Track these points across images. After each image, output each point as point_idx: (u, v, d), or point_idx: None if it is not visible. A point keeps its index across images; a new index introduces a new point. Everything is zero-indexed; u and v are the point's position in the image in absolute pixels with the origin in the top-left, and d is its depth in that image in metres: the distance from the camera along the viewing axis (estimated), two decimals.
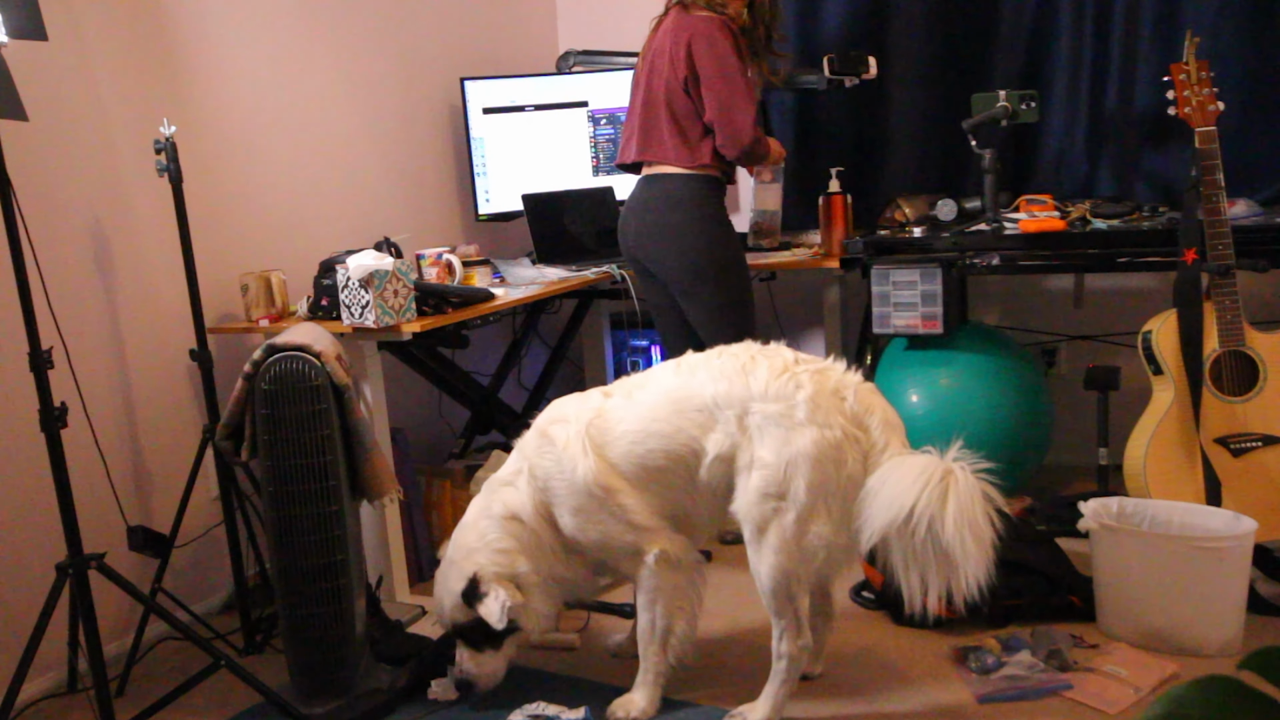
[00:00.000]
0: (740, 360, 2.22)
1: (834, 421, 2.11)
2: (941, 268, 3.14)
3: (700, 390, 2.21)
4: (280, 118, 3.26)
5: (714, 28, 2.98)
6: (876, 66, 3.61)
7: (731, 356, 2.25)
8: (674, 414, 2.23)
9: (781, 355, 2.23)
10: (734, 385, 2.18)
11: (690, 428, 2.22)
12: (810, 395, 2.12)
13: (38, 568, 2.50)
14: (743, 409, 2.16)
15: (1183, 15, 3.25)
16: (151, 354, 2.92)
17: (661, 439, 2.24)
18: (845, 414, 2.12)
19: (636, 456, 2.26)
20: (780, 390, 2.13)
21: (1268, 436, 2.71)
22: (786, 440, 2.10)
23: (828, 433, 2.10)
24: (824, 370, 2.19)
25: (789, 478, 2.10)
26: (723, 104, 2.98)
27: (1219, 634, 2.42)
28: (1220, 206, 2.67)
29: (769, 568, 2.15)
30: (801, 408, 2.11)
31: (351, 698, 2.43)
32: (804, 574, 2.15)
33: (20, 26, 2.16)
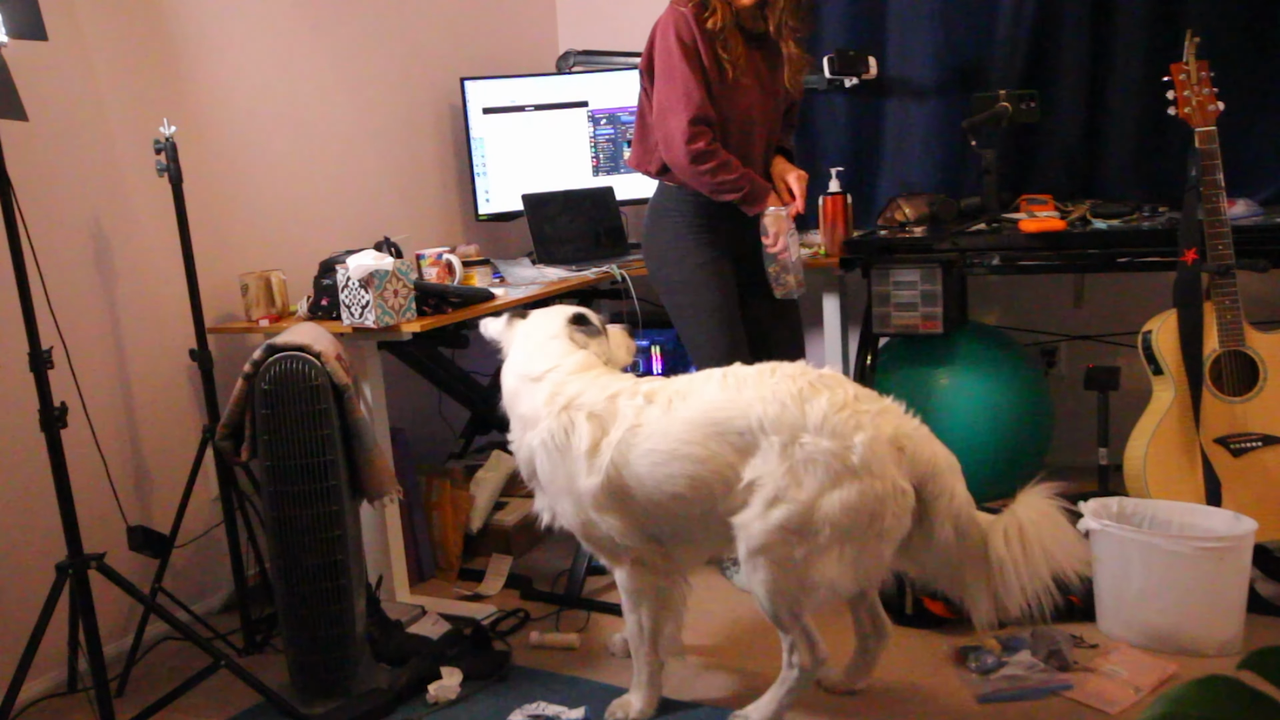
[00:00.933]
0: (798, 384, 2.03)
1: (886, 473, 1.97)
2: (941, 268, 3.14)
3: (746, 411, 2.04)
4: (280, 118, 3.26)
5: (668, 21, 2.72)
6: (876, 66, 3.61)
7: (787, 378, 2.06)
8: (711, 435, 2.06)
9: (843, 387, 2.05)
10: (787, 410, 2.00)
11: (727, 453, 2.05)
12: (868, 440, 1.96)
13: (38, 568, 2.50)
14: (791, 437, 1.99)
15: (1183, 15, 3.25)
16: (151, 354, 2.92)
17: (691, 463, 2.08)
18: (899, 466, 1.99)
19: (654, 481, 2.12)
20: (839, 427, 1.97)
21: (1268, 436, 2.71)
22: (832, 484, 1.96)
23: (876, 484, 1.96)
24: (885, 412, 2.04)
25: (817, 521, 1.97)
26: (658, 106, 2.74)
27: (1219, 634, 2.43)
28: (1220, 206, 2.67)
29: (761, 584, 2.06)
30: (857, 451, 1.96)
31: (351, 698, 2.43)
32: (802, 600, 2.05)
33: (20, 26, 2.16)
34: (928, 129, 3.68)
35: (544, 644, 2.72)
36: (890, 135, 3.76)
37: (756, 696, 2.25)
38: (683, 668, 2.53)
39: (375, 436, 2.58)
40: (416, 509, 3.23)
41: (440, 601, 2.99)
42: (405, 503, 3.03)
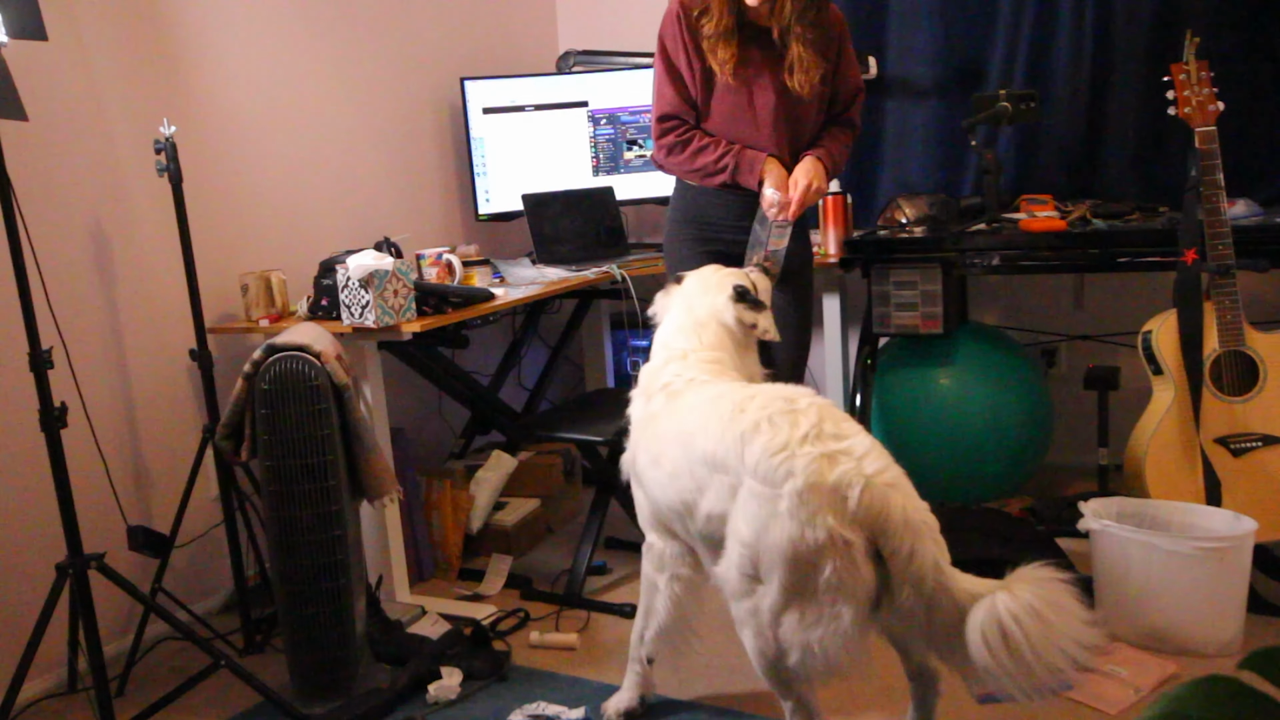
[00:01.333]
0: (754, 419, 1.88)
1: (820, 522, 1.76)
2: (941, 268, 3.14)
3: (705, 443, 1.95)
4: (280, 118, 3.26)
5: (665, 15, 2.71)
6: (876, 66, 3.61)
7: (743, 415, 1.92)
8: (681, 457, 2.01)
9: (794, 424, 1.85)
10: (731, 451, 1.89)
11: (687, 479, 2.00)
12: (799, 489, 1.77)
13: (38, 568, 2.50)
14: (736, 479, 1.88)
15: (1183, 15, 3.25)
16: (151, 354, 2.92)
17: (665, 476, 2.06)
18: (841, 516, 1.76)
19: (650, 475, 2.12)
20: (769, 473, 1.81)
21: (1268, 436, 2.71)
22: (766, 527, 1.81)
23: (809, 533, 1.76)
24: (832, 456, 1.80)
25: (764, 565, 1.84)
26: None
27: (1219, 634, 2.43)
28: (1220, 206, 2.67)
29: (749, 647, 1.94)
30: (785, 500, 1.78)
31: (351, 698, 2.43)
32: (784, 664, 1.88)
33: (20, 26, 2.16)
34: (928, 129, 3.68)
35: (544, 644, 2.72)
36: (890, 135, 3.76)
37: (757, 696, 2.25)
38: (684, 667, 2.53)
39: (375, 436, 2.58)
40: (416, 509, 3.23)
41: (440, 601, 2.99)
42: (405, 503, 3.03)
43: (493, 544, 3.34)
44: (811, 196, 2.67)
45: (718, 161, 2.70)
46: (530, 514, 3.49)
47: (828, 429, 1.84)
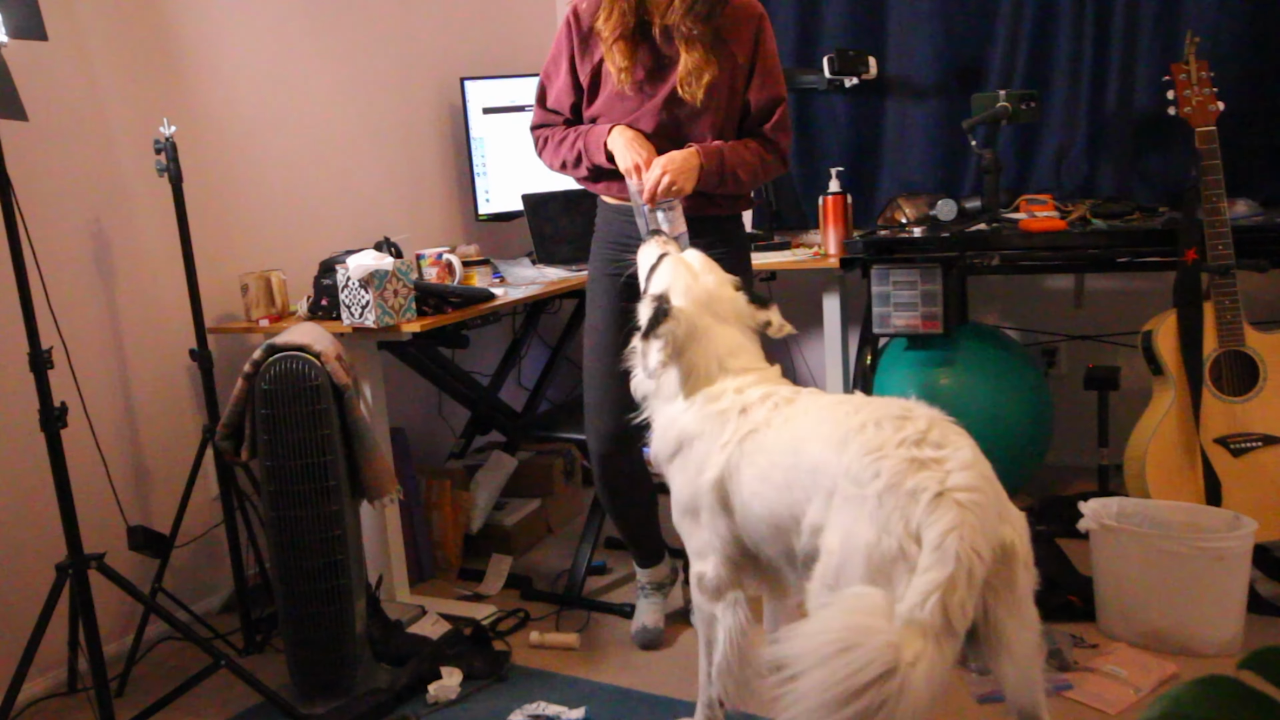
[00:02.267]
0: (861, 421, 1.78)
1: (894, 529, 1.65)
2: (941, 268, 3.14)
3: (810, 450, 1.83)
4: (280, 118, 3.26)
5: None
6: (876, 66, 3.61)
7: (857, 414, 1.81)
8: (791, 467, 1.86)
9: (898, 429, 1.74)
10: (831, 454, 1.78)
11: (796, 488, 1.84)
12: (880, 490, 1.68)
13: (38, 568, 2.50)
14: (833, 483, 1.77)
15: (1183, 15, 3.26)
16: (151, 354, 2.92)
17: (773, 488, 1.89)
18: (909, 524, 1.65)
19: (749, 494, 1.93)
20: (859, 473, 1.72)
21: (1268, 436, 2.71)
22: (850, 532, 1.71)
23: (884, 539, 1.65)
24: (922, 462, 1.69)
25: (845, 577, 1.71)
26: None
27: (1219, 634, 2.42)
28: (1220, 206, 2.67)
29: None
30: (869, 501, 1.69)
31: (351, 698, 2.43)
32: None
33: (20, 26, 2.16)
34: (928, 129, 3.68)
35: (544, 644, 2.72)
36: (890, 135, 3.76)
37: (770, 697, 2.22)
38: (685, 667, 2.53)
39: (375, 436, 2.58)
40: (416, 509, 3.23)
41: (440, 601, 2.99)
42: (405, 503, 3.02)
43: (493, 544, 3.34)
44: (664, 189, 2.29)
45: (571, 149, 2.46)
46: (530, 514, 3.49)
47: (932, 437, 1.73)
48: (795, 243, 3.71)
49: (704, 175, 2.33)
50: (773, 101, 2.41)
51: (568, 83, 2.48)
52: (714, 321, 2.07)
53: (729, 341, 2.07)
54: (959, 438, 1.75)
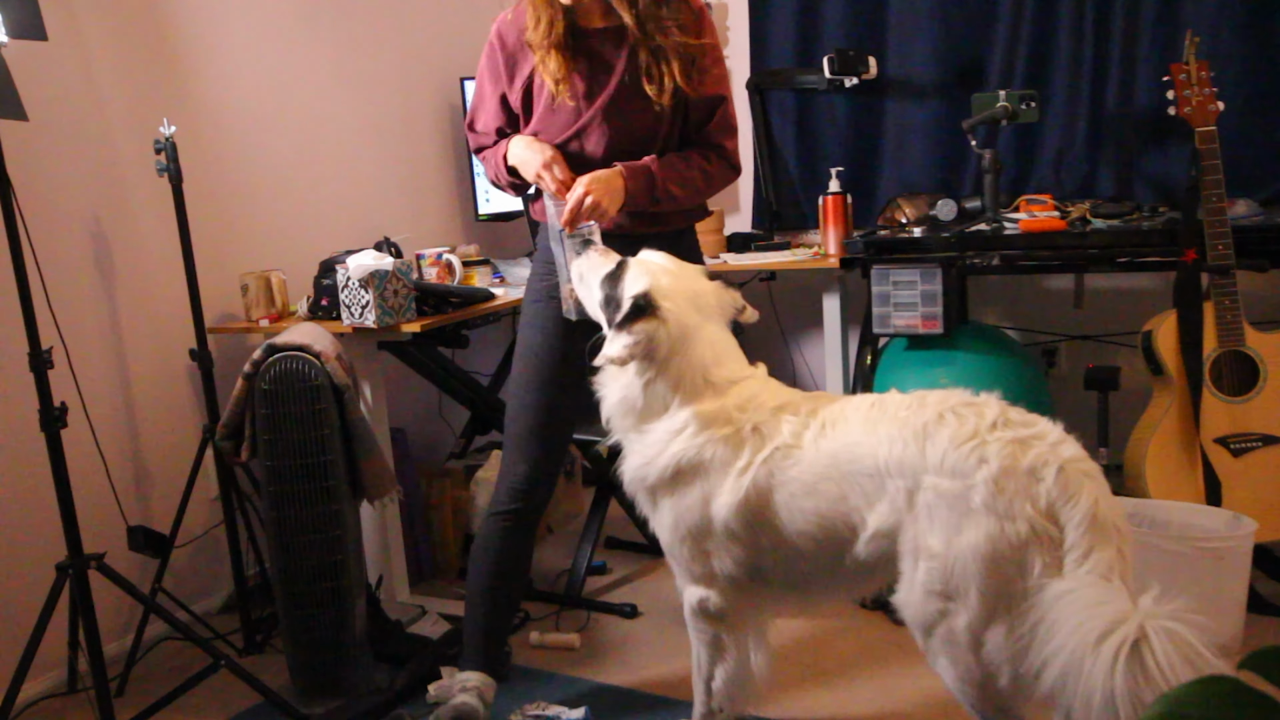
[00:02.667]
0: (926, 416, 1.74)
1: (1019, 512, 1.61)
2: (941, 268, 3.14)
3: (874, 450, 1.75)
4: (280, 118, 3.26)
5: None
6: (876, 66, 3.61)
7: (922, 408, 1.76)
8: (845, 475, 1.79)
9: (979, 415, 1.72)
10: (908, 450, 1.71)
11: (854, 495, 1.78)
12: (993, 475, 1.63)
13: (38, 568, 2.50)
14: (914, 481, 1.71)
15: (1183, 15, 3.25)
16: (151, 354, 2.92)
17: (824, 501, 1.80)
18: (1037, 503, 1.61)
19: (789, 513, 1.83)
20: (958, 464, 1.66)
21: (1268, 436, 2.71)
22: (957, 529, 1.65)
23: (1009, 527, 1.60)
24: (1025, 441, 1.66)
25: (959, 577, 1.65)
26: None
27: (1219, 634, 2.42)
28: (1220, 206, 2.67)
29: (954, 683, 1.74)
30: (979, 490, 1.63)
31: (351, 698, 2.43)
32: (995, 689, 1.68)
33: (20, 26, 2.16)
34: (928, 129, 3.68)
35: (544, 644, 2.73)
36: (890, 135, 3.76)
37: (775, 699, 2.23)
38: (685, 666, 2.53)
39: (375, 436, 2.58)
40: (416, 509, 3.23)
41: (440, 601, 2.99)
42: (405, 503, 3.03)
43: None
44: (587, 211, 2.08)
45: (490, 169, 2.32)
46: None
47: (1015, 417, 1.72)
48: (795, 243, 3.71)
49: (631, 195, 2.14)
50: (715, 101, 2.23)
51: (494, 107, 2.28)
52: (702, 320, 1.94)
53: (715, 346, 1.94)
54: (1033, 414, 1.73)
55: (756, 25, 3.89)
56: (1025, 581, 1.60)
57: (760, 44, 3.90)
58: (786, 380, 2.07)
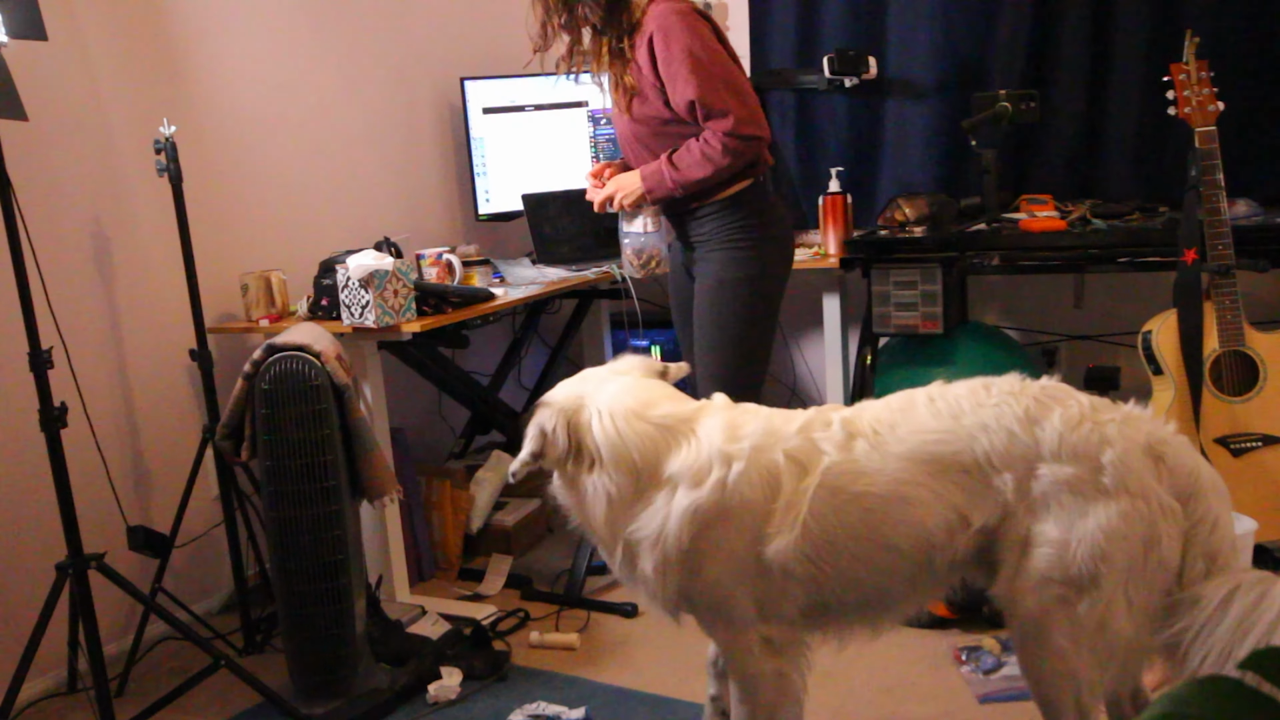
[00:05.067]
0: (1021, 404, 1.68)
1: (1149, 490, 1.61)
2: (941, 268, 3.14)
3: (970, 444, 1.68)
4: (280, 118, 3.26)
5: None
6: (876, 66, 3.61)
7: (1008, 398, 1.69)
8: (933, 474, 1.68)
9: (1074, 398, 1.69)
10: (1015, 440, 1.65)
11: (954, 493, 1.68)
12: (1120, 455, 1.61)
13: (38, 568, 2.50)
14: (1026, 470, 1.65)
15: (1183, 15, 3.25)
16: (151, 354, 2.92)
17: (913, 507, 1.69)
18: (1162, 479, 1.63)
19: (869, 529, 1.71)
20: (1079, 446, 1.63)
21: (1268, 436, 2.71)
22: (1083, 512, 1.61)
23: (1140, 504, 1.60)
24: (1132, 419, 1.67)
25: (1084, 559, 1.61)
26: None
27: None
28: (1220, 206, 2.67)
29: (1051, 674, 1.67)
30: (1109, 472, 1.61)
31: (351, 698, 2.43)
32: (1096, 681, 1.67)
33: (20, 26, 2.16)
34: (928, 129, 3.68)
35: (544, 644, 2.73)
36: (890, 135, 3.76)
37: None
38: (685, 667, 2.53)
39: (375, 436, 2.58)
40: (416, 509, 3.23)
41: (440, 601, 2.99)
42: (405, 503, 3.02)
43: (493, 544, 3.34)
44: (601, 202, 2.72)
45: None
46: (530, 514, 3.49)
47: (1096, 400, 1.71)
48: (795, 243, 3.71)
49: (651, 189, 2.60)
50: (686, 103, 2.51)
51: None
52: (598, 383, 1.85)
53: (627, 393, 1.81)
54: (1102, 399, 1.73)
55: (756, 25, 3.89)
56: (1151, 556, 1.61)
57: (760, 44, 3.89)
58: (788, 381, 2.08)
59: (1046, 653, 1.67)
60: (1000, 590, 1.70)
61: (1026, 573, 1.65)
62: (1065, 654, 1.65)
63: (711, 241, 2.63)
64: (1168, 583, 1.63)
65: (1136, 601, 1.62)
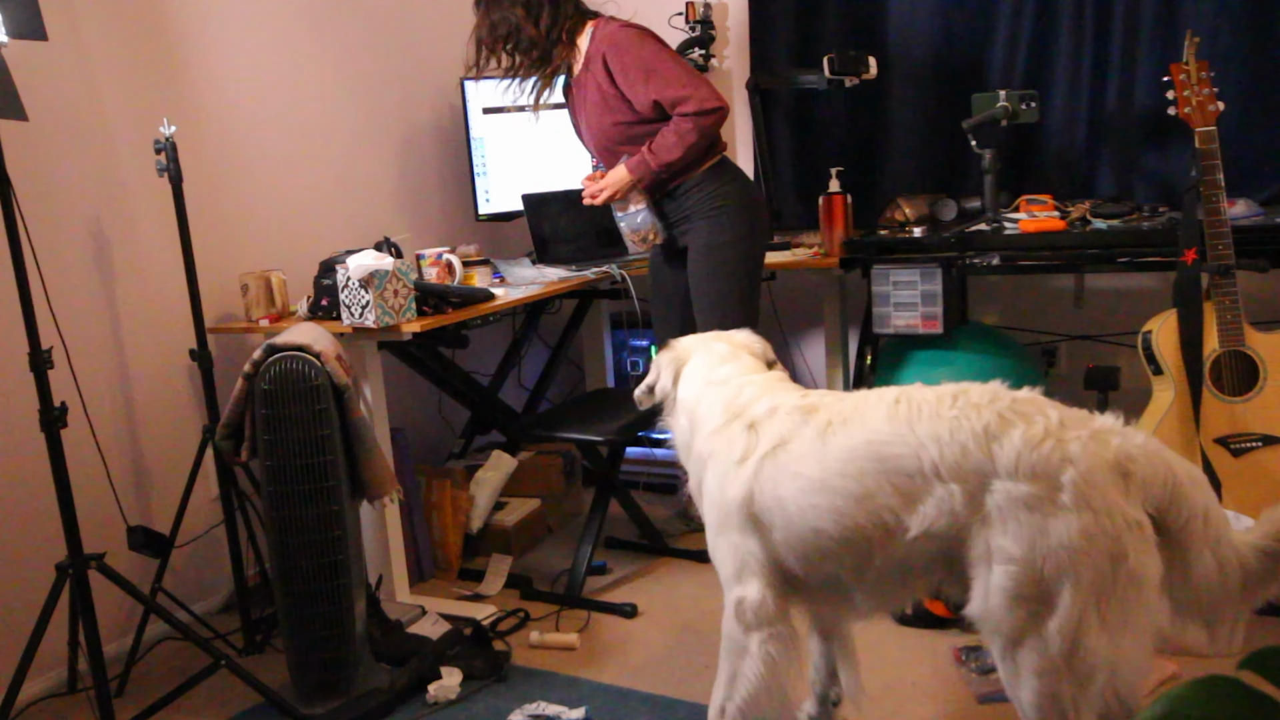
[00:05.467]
0: (984, 418, 1.68)
1: (1114, 506, 1.60)
2: (941, 268, 3.14)
3: (918, 452, 1.71)
4: (280, 118, 3.26)
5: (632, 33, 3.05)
6: (876, 66, 3.61)
7: (972, 410, 1.70)
8: (871, 472, 1.74)
9: (1042, 414, 1.68)
10: (970, 454, 1.66)
11: (887, 495, 1.73)
12: (1082, 473, 1.61)
13: (38, 568, 2.50)
14: (979, 484, 1.66)
15: (1183, 15, 3.25)
16: (151, 354, 2.92)
17: (844, 499, 1.76)
18: (1127, 496, 1.62)
19: (799, 509, 1.80)
20: (1039, 466, 1.62)
21: (1268, 436, 2.71)
22: (1042, 529, 1.61)
23: (1104, 520, 1.59)
24: (1101, 435, 1.65)
25: (1047, 576, 1.61)
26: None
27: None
28: (1220, 206, 2.67)
29: (1032, 694, 1.68)
30: (1069, 490, 1.60)
31: (351, 698, 2.44)
32: (1081, 699, 1.66)
33: (20, 26, 2.16)
34: (928, 129, 3.68)
35: (544, 644, 2.73)
36: (890, 135, 3.76)
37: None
38: (682, 665, 2.53)
39: (375, 436, 2.58)
40: (416, 509, 3.23)
41: (440, 601, 2.99)
42: (405, 503, 3.03)
43: (493, 544, 3.35)
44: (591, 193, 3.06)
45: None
46: (530, 514, 3.49)
47: (1069, 414, 1.70)
48: (795, 243, 3.71)
49: (639, 178, 2.96)
50: (650, 102, 2.89)
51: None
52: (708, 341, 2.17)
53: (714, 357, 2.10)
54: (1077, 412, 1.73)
55: (756, 25, 3.89)
56: (1119, 570, 1.60)
57: (760, 44, 3.89)
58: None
59: (1025, 676, 1.67)
60: (974, 611, 1.70)
61: (994, 590, 1.66)
62: (1043, 675, 1.65)
63: (696, 213, 2.99)
64: (1146, 594, 1.62)
65: (1111, 618, 1.61)
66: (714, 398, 2.00)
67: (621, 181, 2.98)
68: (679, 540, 3.39)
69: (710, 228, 2.97)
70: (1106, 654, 1.62)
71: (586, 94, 2.99)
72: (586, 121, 3.06)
